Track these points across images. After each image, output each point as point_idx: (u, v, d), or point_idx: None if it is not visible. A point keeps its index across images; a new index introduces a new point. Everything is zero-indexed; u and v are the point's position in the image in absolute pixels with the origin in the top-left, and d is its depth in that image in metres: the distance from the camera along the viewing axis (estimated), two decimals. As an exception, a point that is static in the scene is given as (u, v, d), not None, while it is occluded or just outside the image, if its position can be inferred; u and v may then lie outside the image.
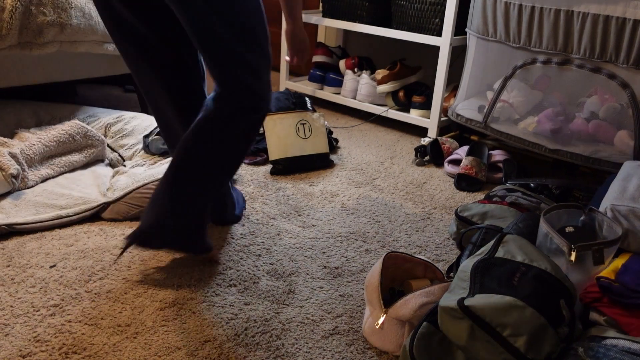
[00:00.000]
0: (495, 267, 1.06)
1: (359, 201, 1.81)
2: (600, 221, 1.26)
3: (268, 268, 1.40)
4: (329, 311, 1.25)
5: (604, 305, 1.09)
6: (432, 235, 1.62)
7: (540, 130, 1.92)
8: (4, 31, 1.76)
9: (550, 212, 1.30)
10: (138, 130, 2.00)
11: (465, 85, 2.19)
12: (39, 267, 1.33)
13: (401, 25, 2.40)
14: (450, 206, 1.82)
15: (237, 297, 1.27)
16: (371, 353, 1.13)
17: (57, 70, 2.14)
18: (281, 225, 1.62)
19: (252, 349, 1.12)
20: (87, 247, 1.43)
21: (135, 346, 1.10)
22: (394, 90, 2.49)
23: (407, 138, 2.48)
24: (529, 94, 2.00)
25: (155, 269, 1.36)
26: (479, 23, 2.01)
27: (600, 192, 1.46)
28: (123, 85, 3.02)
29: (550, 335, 0.94)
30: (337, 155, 2.20)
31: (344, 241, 1.56)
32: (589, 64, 1.75)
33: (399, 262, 1.26)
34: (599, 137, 1.83)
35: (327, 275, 1.39)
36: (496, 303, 0.96)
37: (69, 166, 1.77)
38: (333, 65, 2.86)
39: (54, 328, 1.13)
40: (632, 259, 1.18)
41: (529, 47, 1.87)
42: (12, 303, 1.20)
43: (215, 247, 1.41)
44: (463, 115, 2.14)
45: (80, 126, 1.79)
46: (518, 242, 1.16)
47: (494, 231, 1.37)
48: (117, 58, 2.30)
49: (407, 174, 2.07)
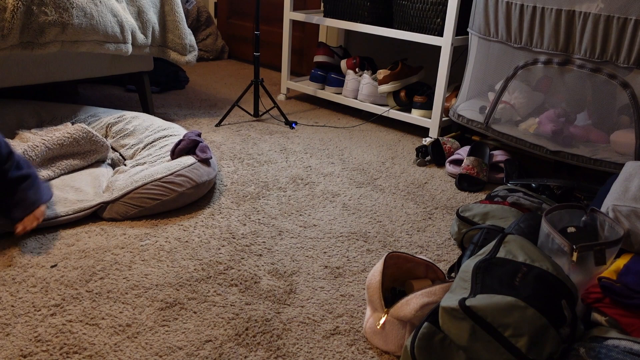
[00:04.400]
0: (496, 268, 1.06)
1: (360, 201, 1.81)
2: (602, 221, 1.26)
3: (269, 268, 1.40)
4: (330, 311, 1.25)
5: (605, 306, 1.09)
6: (434, 236, 1.62)
7: (541, 132, 1.92)
8: (6, 31, 1.76)
9: (551, 212, 1.30)
10: (139, 130, 2.00)
11: (467, 85, 2.18)
12: (40, 267, 1.33)
13: (402, 25, 2.40)
14: (451, 206, 1.82)
15: (238, 297, 1.27)
16: (372, 353, 1.13)
17: (59, 70, 2.15)
18: (282, 225, 1.62)
19: (252, 348, 1.12)
20: (87, 247, 1.43)
21: (136, 346, 1.10)
22: (396, 90, 2.48)
23: (408, 138, 2.47)
24: (530, 95, 2.00)
25: (155, 269, 1.36)
26: (481, 23, 2.00)
27: (602, 193, 1.46)
28: (124, 85, 3.02)
29: (552, 336, 0.94)
30: (337, 155, 2.20)
31: (345, 241, 1.56)
32: (590, 64, 1.75)
33: (400, 262, 1.26)
34: (593, 139, 1.83)
35: (328, 275, 1.39)
36: (497, 303, 0.96)
37: (69, 168, 1.76)
38: (334, 65, 2.86)
39: (54, 328, 1.13)
40: (634, 260, 1.17)
41: (530, 48, 1.87)
42: (13, 303, 1.20)
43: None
44: (464, 116, 2.13)
45: (86, 131, 1.77)
46: (519, 242, 1.15)
47: (495, 231, 1.37)
48: (118, 58, 2.31)
49: (408, 174, 2.06)
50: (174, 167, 1.67)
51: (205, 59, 3.81)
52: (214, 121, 2.52)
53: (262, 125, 2.52)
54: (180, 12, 2.32)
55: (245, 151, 2.18)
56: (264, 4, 3.59)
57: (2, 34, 1.76)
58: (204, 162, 1.76)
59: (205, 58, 3.81)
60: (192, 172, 1.68)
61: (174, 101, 2.82)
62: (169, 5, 2.29)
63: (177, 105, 2.76)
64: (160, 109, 2.67)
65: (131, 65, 2.36)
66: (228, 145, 2.22)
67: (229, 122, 2.52)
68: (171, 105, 2.75)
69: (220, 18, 3.93)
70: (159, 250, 1.44)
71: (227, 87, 3.18)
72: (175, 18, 2.30)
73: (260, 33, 2.71)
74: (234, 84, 3.25)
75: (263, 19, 3.63)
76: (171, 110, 2.65)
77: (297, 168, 2.05)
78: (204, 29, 3.80)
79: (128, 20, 2.10)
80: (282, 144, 2.28)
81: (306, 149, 2.24)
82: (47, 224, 1.49)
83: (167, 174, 1.64)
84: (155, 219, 1.60)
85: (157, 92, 2.95)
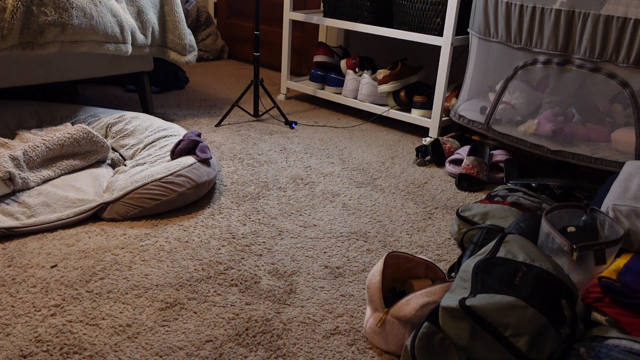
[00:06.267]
0: (496, 267, 1.06)
1: (360, 201, 1.81)
2: (602, 221, 1.26)
3: (269, 268, 1.40)
4: (330, 311, 1.25)
5: (605, 305, 1.09)
6: (434, 235, 1.62)
7: (541, 132, 1.92)
8: (5, 31, 1.76)
9: (551, 212, 1.30)
10: (139, 130, 2.00)
11: (467, 86, 2.18)
12: (40, 267, 1.33)
13: (402, 25, 2.40)
14: (451, 206, 1.82)
15: (238, 297, 1.27)
16: (372, 353, 1.13)
17: (58, 70, 2.15)
18: (282, 225, 1.62)
19: (253, 348, 1.12)
20: (87, 247, 1.43)
21: (136, 346, 1.10)
22: (395, 90, 2.48)
23: (408, 138, 2.48)
24: (530, 95, 2.00)
25: (156, 269, 1.36)
26: (481, 23, 2.01)
27: (602, 192, 1.46)
28: (124, 85, 3.02)
29: (552, 336, 0.94)
30: (337, 155, 2.20)
31: (345, 241, 1.56)
32: (589, 64, 1.75)
33: (400, 262, 1.26)
34: (594, 138, 1.83)
35: (328, 275, 1.39)
36: (498, 303, 0.96)
37: (69, 168, 1.76)
38: (334, 65, 2.86)
39: (54, 328, 1.13)
40: (634, 259, 1.17)
41: (530, 48, 1.87)
42: (13, 303, 1.20)
43: (215, 248, 1.41)
44: (465, 116, 2.13)
45: (86, 131, 1.78)
46: (519, 242, 1.15)
47: (495, 231, 1.37)
48: (118, 58, 2.31)
49: (408, 174, 2.06)
50: (174, 167, 1.67)
51: (205, 59, 3.82)
52: (213, 121, 2.52)
53: (262, 125, 2.52)
54: (180, 12, 2.32)
55: (245, 151, 2.18)
56: (263, 4, 3.59)
57: (2, 34, 1.76)
58: (204, 162, 1.76)
59: (205, 58, 3.81)
60: (192, 172, 1.68)
61: (173, 101, 2.82)
62: (168, 6, 2.29)
63: (177, 105, 2.76)
64: (160, 109, 2.67)
65: (131, 66, 2.36)
66: (228, 146, 2.22)
67: (228, 122, 2.52)
68: (171, 105, 2.75)
69: (220, 18, 3.93)
70: (159, 251, 1.44)
71: (227, 87, 3.18)
72: (175, 18, 2.30)
73: (260, 33, 2.71)
74: (233, 84, 3.25)
75: (263, 19, 3.63)
76: (171, 111, 2.65)
77: (297, 168, 2.05)
78: (204, 29, 3.80)
79: (128, 21, 2.10)
80: (282, 144, 2.28)
81: (306, 149, 2.24)
82: (48, 225, 1.49)
83: (167, 174, 1.64)
84: (155, 219, 1.60)
85: (157, 92, 2.95)
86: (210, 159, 1.79)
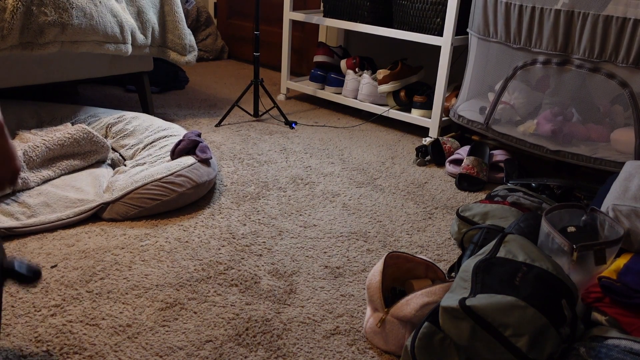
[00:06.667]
0: (496, 267, 1.06)
1: (360, 201, 1.81)
2: (602, 221, 1.26)
3: (269, 268, 1.40)
4: (330, 311, 1.25)
5: (605, 305, 1.09)
6: (434, 235, 1.62)
7: (540, 132, 1.92)
8: (5, 31, 1.76)
9: (551, 212, 1.30)
10: (139, 130, 2.00)
11: (467, 86, 2.18)
12: (40, 267, 1.33)
13: (402, 25, 2.40)
14: (451, 206, 1.82)
15: (238, 297, 1.27)
16: (372, 353, 1.13)
17: (58, 71, 2.15)
18: (282, 225, 1.62)
19: (253, 348, 1.12)
20: (88, 247, 1.43)
21: (136, 346, 1.10)
22: (395, 90, 2.48)
23: (408, 138, 2.48)
24: (529, 95, 2.00)
25: (156, 269, 1.36)
26: (480, 24, 2.01)
27: (602, 192, 1.46)
28: (124, 85, 3.02)
29: (552, 336, 0.94)
30: (337, 155, 2.20)
31: (345, 241, 1.56)
32: (588, 64, 1.75)
33: (400, 262, 1.26)
34: (593, 138, 1.83)
35: (329, 275, 1.39)
36: (498, 303, 0.96)
37: (69, 169, 1.76)
38: (334, 65, 2.86)
39: (54, 328, 1.13)
40: (634, 259, 1.17)
41: (529, 48, 1.87)
42: (13, 303, 1.20)
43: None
44: (465, 117, 2.13)
45: (86, 131, 1.77)
46: (519, 242, 1.15)
47: (495, 231, 1.37)
48: (118, 58, 2.31)
49: (408, 174, 2.06)
50: (174, 168, 1.67)
51: (205, 59, 3.81)
52: (213, 121, 2.52)
53: (262, 125, 2.52)
54: (180, 12, 2.32)
55: (245, 151, 2.18)
56: (263, 4, 3.59)
57: (2, 34, 1.76)
58: (204, 162, 1.76)
59: (205, 58, 3.81)
60: (192, 172, 1.68)
61: (173, 101, 2.82)
62: (168, 6, 2.29)
63: (177, 105, 2.76)
64: (160, 109, 2.67)
65: (131, 66, 2.36)
66: (228, 146, 2.22)
67: (228, 122, 2.52)
68: (171, 105, 2.75)
69: (220, 18, 3.93)
70: (159, 251, 1.44)
71: (227, 87, 3.18)
72: (175, 18, 2.30)
73: (260, 33, 2.71)
74: (233, 84, 3.25)
75: (263, 19, 3.63)
76: (171, 111, 2.65)
77: (297, 168, 2.05)
78: (204, 29, 3.80)
79: (128, 21, 2.10)
80: (282, 144, 2.28)
81: (306, 149, 2.24)
82: (48, 226, 1.49)
83: (167, 174, 1.64)
84: (155, 219, 1.60)
85: (157, 92, 2.95)
86: (210, 159, 1.79)
